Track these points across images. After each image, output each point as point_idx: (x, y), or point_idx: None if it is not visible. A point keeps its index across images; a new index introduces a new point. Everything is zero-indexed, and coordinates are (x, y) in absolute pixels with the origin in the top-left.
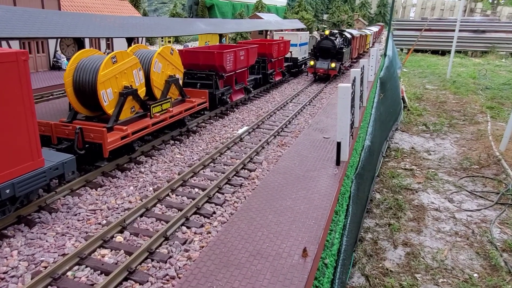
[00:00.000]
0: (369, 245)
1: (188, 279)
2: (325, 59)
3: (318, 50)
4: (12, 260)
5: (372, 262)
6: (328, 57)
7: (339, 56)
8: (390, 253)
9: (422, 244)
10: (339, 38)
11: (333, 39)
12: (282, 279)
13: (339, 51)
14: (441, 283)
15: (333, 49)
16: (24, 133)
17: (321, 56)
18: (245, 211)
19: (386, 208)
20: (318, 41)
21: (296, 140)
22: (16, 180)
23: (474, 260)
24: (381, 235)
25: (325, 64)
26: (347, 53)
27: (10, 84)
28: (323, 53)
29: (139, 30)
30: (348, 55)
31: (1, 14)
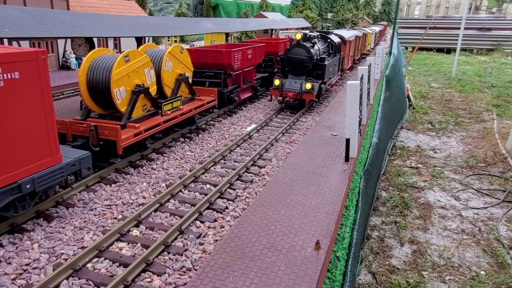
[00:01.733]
0: (376, 243)
1: (205, 270)
2: (296, 77)
3: (286, 63)
4: (33, 252)
5: (378, 260)
6: (302, 74)
7: (319, 71)
8: (396, 250)
9: (428, 241)
10: (320, 44)
11: (309, 46)
12: (297, 271)
13: (318, 64)
14: (448, 280)
15: (309, 61)
16: (43, 130)
17: (291, 72)
18: (257, 206)
19: (392, 206)
20: (286, 49)
21: (304, 138)
22: (36, 176)
23: (481, 257)
24: (387, 233)
25: (297, 85)
26: (333, 66)
27: (30, 82)
28: (294, 67)
29: (148, 30)
30: (336, 68)
31: (16, 14)
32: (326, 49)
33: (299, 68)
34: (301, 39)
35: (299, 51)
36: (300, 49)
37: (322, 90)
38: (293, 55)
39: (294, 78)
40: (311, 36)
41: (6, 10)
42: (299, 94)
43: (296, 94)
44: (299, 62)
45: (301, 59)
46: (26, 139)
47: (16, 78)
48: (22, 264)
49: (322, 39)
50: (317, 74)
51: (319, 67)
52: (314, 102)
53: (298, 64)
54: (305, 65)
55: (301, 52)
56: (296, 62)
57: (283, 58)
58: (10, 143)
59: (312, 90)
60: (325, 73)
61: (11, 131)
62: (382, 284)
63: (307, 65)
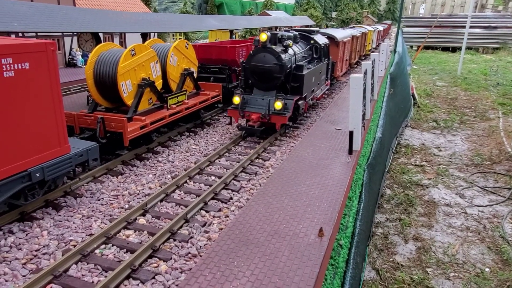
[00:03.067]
0: (380, 240)
1: (210, 255)
2: (264, 92)
3: (249, 74)
4: (43, 239)
5: (382, 257)
6: (271, 88)
7: (295, 83)
8: (400, 247)
9: (433, 239)
10: (299, 47)
11: (280, 50)
12: (300, 256)
13: (294, 75)
14: (452, 277)
15: (279, 70)
16: (52, 120)
17: (257, 86)
18: (261, 196)
19: (397, 204)
20: (249, 55)
21: (308, 132)
22: (45, 165)
23: (486, 254)
24: (391, 230)
25: (263, 103)
26: (318, 75)
27: (40, 73)
28: (259, 79)
29: (153, 26)
30: (323, 76)
31: (25, 9)
32: (308, 53)
33: (266, 80)
34: (268, 41)
35: (265, 58)
36: (267, 55)
37: (300, 109)
38: (257, 63)
39: (261, 94)
40: (284, 36)
41: (15, 6)
42: (266, 116)
43: (261, 117)
44: (266, 73)
45: (268, 68)
46: (36, 129)
47: (26, 69)
48: (32, 249)
49: (302, 40)
50: (293, 88)
51: (295, 78)
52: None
53: (264, 75)
54: (274, 77)
55: (268, 59)
56: (262, 72)
57: (245, 67)
58: (20, 132)
59: (284, 110)
60: (303, 85)
61: (21, 121)
62: (386, 281)
63: (277, 76)
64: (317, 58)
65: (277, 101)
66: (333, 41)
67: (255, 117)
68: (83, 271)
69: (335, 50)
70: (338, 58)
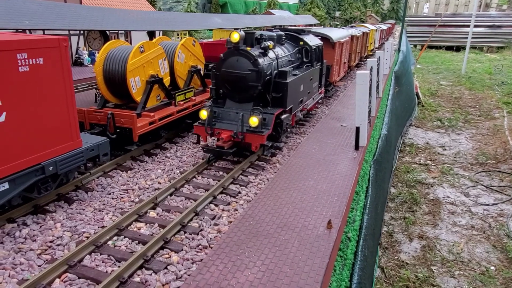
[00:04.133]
0: (385, 238)
1: (221, 247)
2: (238, 104)
3: (220, 81)
4: (56, 231)
5: (387, 255)
6: (246, 99)
7: (277, 93)
8: (405, 246)
9: (438, 237)
10: (283, 50)
11: (257, 54)
12: (309, 247)
13: (275, 83)
14: (457, 275)
15: (255, 78)
16: (65, 114)
17: (229, 96)
18: (270, 190)
19: (401, 202)
20: (219, 60)
21: (314, 128)
22: (58, 158)
23: (491, 253)
24: (396, 228)
25: (236, 118)
26: (308, 82)
27: (53, 68)
28: (232, 89)
29: (160, 24)
30: (316, 83)
31: (35, 7)
32: (296, 57)
33: (240, 90)
34: (241, 42)
35: (238, 63)
36: (241, 59)
37: (284, 125)
38: (229, 69)
39: (235, 106)
40: (264, 37)
41: (25, 4)
42: (238, 135)
43: (232, 136)
44: (240, 81)
45: (242, 76)
46: (49, 123)
47: (40, 64)
48: (46, 241)
49: (290, 41)
50: (275, 99)
51: (278, 87)
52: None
53: (237, 84)
54: (250, 86)
55: (242, 64)
56: (235, 81)
57: (215, 73)
58: (35, 126)
59: (260, 128)
60: (287, 96)
61: (35, 115)
62: (391, 278)
63: (253, 85)
64: (308, 63)
65: (252, 116)
66: (328, 42)
67: (225, 136)
68: (97, 261)
69: (330, 52)
70: (334, 61)
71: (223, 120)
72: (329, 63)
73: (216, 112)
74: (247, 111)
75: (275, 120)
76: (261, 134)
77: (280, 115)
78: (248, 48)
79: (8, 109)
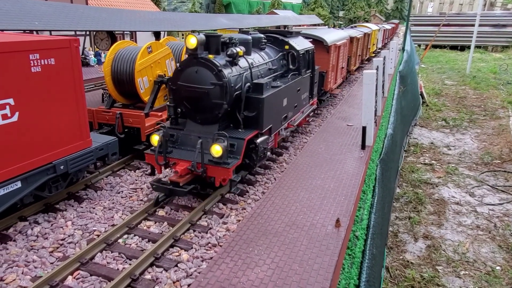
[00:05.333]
0: (390, 238)
1: (231, 245)
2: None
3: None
4: (67, 229)
5: (392, 254)
6: (209, 120)
7: (251, 112)
8: (410, 245)
9: (443, 237)
10: (262, 57)
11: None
12: (318, 245)
13: (247, 99)
14: (462, 275)
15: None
16: (75, 114)
17: (190, 116)
18: (277, 189)
19: (406, 202)
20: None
21: (320, 128)
22: (69, 158)
23: (496, 253)
24: (401, 228)
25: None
26: (295, 95)
27: (64, 68)
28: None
29: (166, 25)
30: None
31: (44, 9)
32: (280, 64)
33: (201, 109)
34: (200, 48)
35: (198, 75)
36: (201, 70)
37: (260, 150)
38: (186, 82)
39: (196, 129)
40: (233, 41)
41: (35, 5)
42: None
43: (192, 168)
44: (199, 98)
45: (201, 91)
46: (60, 123)
47: (52, 64)
48: (58, 239)
49: (273, 45)
50: (248, 119)
51: (250, 104)
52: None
53: (197, 101)
54: (214, 104)
55: (202, 76)
56: (195, 97)
57: (171, 87)
58: (46, 125)
59: (226, 158)
60: (263, 114)
61: (47, 114)
62: (396, 278)
63: (216, 104)
64: (294, 70)
65: (214, 144)
66: (322, 45)
67: (181, 169)
68: (108, 259)
69: (324, 57)
70: (330, 67)
71: (183, 146)
72: (323, 69)
73: (175, 136)
74: (211, 135)
75: (249, 144)
76: (225, 167)
77: (255, 138)
78: (211, 56)
79: (21, 109)
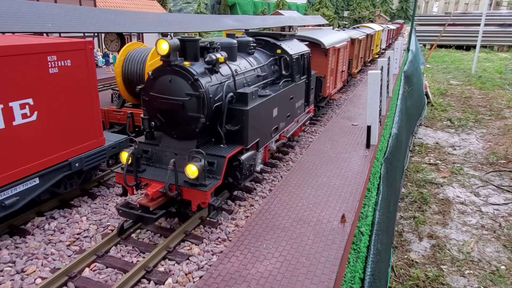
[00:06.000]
0: (394, 237)
1: (240, 239)
2: (177, 142)
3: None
4: (82, 224)
5: (397, 254)
6: (186, 135)
7: (234, 125)
8: (415, 245)
9: (447, 236)
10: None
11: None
12: (325, 240)
13: (230, 111)
14: (467, 274)
15: (196, 106)
16: (89, 113)
17: (165, 131)
18: (284, 186)
19: (411, 202)
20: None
21: (325, 127)
22: (84, 155)
23: (501, 252)
24: (406, 227)
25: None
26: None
27: (79, 69)
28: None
29: (174, 26)
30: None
31: (57, 11)
32: (271, 70)
33: (176, 122)
34: (173, 54)
35: (172, 85)
36: (175, 79)
37: (246, 167)
38: (159, 92)
39: (172, 144)
40: (214, 45)
41: (48, 8)
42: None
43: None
44: (174, 111)
45: (176, 103)
46: (75, 122)
47: (68, 66)
48: (74, 233)
49: (264, 49)
50: (230, 133)
51: (233, 116)
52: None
53: (172, 114)
54: (190, 117)
55: (176, 86)
56: (168, 110)
57: (144, 98)
58: (62, 124)
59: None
60: (247, 128)
61: (63, 114)
62: (401, 277)
63: (193, 117)
64: (287, 77)
65: (190, 164)
66: (319, 48)
67: (152, 192)
68: (122, 252)
69: (322, 61)
70: (328, 71)
71: (158, 163)
72: (321, 73)
73: (149, 152)
74: (185, 156)
75: (232, 162)
76: (202, 190)
77: (240, 154)
78: (187, 63)
79: (39, 109)
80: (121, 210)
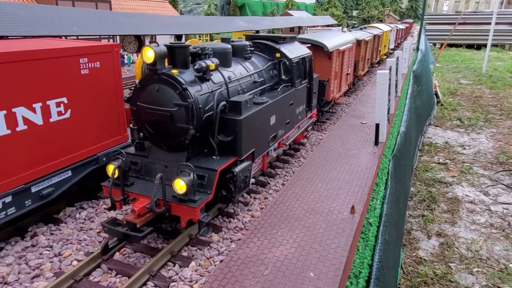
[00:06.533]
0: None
1: (257, 228)
2: (167, 153)
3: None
4: (110, 214)
5: (405, 251)
6: (175, 147)
7: (227, 135)
8: (423, 243)
9: (456, 235)
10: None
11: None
12: (335, 228)
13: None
14: (475, 272)
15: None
16: (115, 111)
17: (154, 142)
18: (296, 180)
19: (420, 200)
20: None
21: (335, 126)
22: (110, 151)
23: (510, 251)
24: (414, 225)
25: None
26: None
27: (107, 70)
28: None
29: (188, 28)
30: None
31: (80, 15)
32: (268, 75)
33: (164, 134)
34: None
35: (159, 94)
36: (163, 89)
37: (239, 180)
38: (146, 103)
39: (162, 156)
40: (206, 51)
41: (71, 12)
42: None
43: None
44: (162, 122)
45: (163, 113)
46: (103, 119)
47: (97, 67)
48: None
49: (262, 53)
50: (223, 144)
51: (226, 126)
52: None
53: (160, 125)
54: (178, 128)
55: (164, 95)
56: (155, 121)
57: (131, 108)
58: (92, 121)
59: (193, 194)
60: (241, 138)
61: (93, 112)
62: (409, 275)
63: (182, 128)
64: (287, 81)
65: (178, 179)
66: (322, 51)
67: (138, 208)
68: (149, 239)
69: (325, 64)
70: (332, 75)
71: (148, 176)
72: (325, 77)
73: (138, 164)
74: (174, 170)
75: (225, 174)
76: (191, 206)
77: (233, 166)
78: (175, 71)
79: (72, 107)
80: (106, 228)
